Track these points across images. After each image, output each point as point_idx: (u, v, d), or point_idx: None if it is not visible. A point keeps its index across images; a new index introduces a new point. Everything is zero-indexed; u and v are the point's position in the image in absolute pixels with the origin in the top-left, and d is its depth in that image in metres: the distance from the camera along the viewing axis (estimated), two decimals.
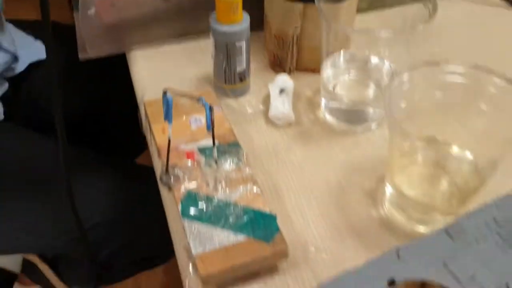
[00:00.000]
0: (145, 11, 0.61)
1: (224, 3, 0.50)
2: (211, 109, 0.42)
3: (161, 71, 0.61)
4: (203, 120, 0.49)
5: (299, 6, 0.55)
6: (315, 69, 0.57)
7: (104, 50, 0.62)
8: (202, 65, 0.61)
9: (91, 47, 0.61)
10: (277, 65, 0.61)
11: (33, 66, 0.88)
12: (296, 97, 0.58)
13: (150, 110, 0.51)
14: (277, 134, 0.53)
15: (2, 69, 0.80)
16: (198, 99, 0.43)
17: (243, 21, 0.52)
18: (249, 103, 0.57)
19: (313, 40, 0.57)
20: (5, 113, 0.83)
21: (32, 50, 0.89)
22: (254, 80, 0.59)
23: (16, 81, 0.87)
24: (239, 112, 0.56)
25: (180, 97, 0.43)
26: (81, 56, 0.61)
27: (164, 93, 0.43)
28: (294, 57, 0.59)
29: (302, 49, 0.59)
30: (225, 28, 0.51)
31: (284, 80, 0.57)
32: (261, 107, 0.56)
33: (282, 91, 0.55)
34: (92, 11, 0.58)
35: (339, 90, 0.54)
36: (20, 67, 0.85)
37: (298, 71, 0.61)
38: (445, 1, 0.73)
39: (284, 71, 0.60)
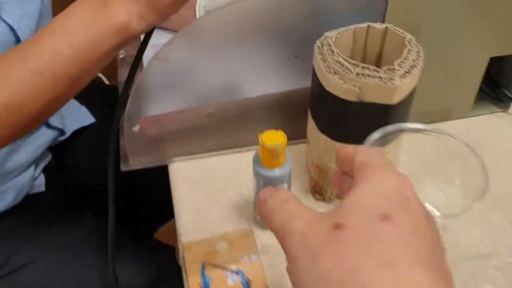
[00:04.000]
0: (188, 126, 0.61)
1: (268, 150, 0.50)
2: (248, 283, 0.42)
3: (199, 186, 0.61)
4: (240, 277, 0.49)
5: (341, 144, 0.54)
6: None
7: (145, 162, 0.62)
8: (241, 182, 0.61)
9: (133, 160, 0.61)
10: (317, 192, 0.60)
11: (77, 133, 0.90)
12: None
13: (188, 255, 0.51)
14: None
15: (48, 144, 0.82)
16: (237, 272, 0.43)
17: (285, 165, 0.52)
18: None
19: None
20: (46, 183, 0.85)
21: (77, 117, 0.90)
22: None
23: (59, 149, 0.89)
24: (277, 252, 0.55)
25: (216, 265, 0.43)
26: (123, 167, 0.62)
27: (202, 266, 0.43)
28: (334, 190, 0.58)
29: None
30: (267, 172, 0.51)
31: None
32: None
33: None
34: (137, 128, 0.59)
35: None
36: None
37: (338, 199, 0.60)
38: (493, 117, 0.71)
39: (323, 199, 0.60)
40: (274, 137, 0.49)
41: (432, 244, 0.26)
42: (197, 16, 0.74)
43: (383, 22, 0.56)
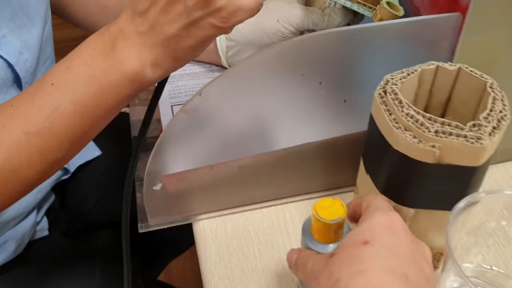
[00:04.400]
0: (216, 180, 0.52)
1: (325, 224, 0.40)
2: None
3: (230, 247, 0.53)
4: None
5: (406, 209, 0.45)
6: None
7: (167, 222, 0.53)
8: (279, 242, 0.52)
9: (153, 219, 0.52)
10: None
11: (81, 166, 0.81)
12: None
13: None
14: None
15: (51, 186, 0.73)
16: None
17: (343, 238, 0.43)
18: None
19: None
20: (49, 225, 0.76)
21: (82, 152, 0.81)
22: None
23: (62, 187, 0.80)
24: None
25: None
26: (142, 229, 0.53)
27: None
28: None
29: None
30: (321, 248, 0.42)
31: None
32: None
33: None
34: (158, 187, 0.50)
35: None
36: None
37: None
38: None
39: None
40: (331, 209, 0.40)
41: (408, 261, 0.33)
42: (218, 45, 0.65)
43: (450, 60, 0.47)
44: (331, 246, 0.42)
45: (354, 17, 0.63)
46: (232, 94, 0.47)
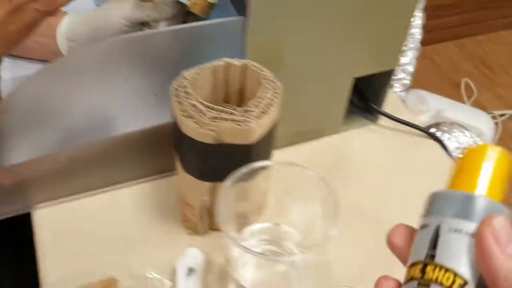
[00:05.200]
0: (48, 171, 0.58)
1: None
2: None
3: (66, 232, 0.58)
4: None
5: (206, 184, 0.53)
6: (238, 231, 0.56)
7: (4, 212, 0.58)
8: (110, 224, 0.59)
9: None
10: (189, 227, 0.59)
11: None
12: (208, 266, 0.56)
13: None
14: None
15: None
16: None
17: None
18: (154, 281, 0.55)
19: (235, 209, 0.56)
20: None
21: None
22: (164, 245, 0.58)
23: None
24: None
25: None
26: None
27: None
28: (205, 223, 0.58)
29: (214, 214, 0.57)
30: None
31: (194, 255, 0.55)
32: (166, 283, 0.55)
33: (191, 271, 0.54)
34: None
35: (246, 270, 0.54)
36: None
37: (213, 231, 0.60)
38: (366, 130, 0.73)
39: (195, 233, 0.59)
40: None
41: None
42: (59, 43, 0.69)
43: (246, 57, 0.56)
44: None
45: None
46: (65, 82, 0.52)
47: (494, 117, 1.94)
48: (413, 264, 0.27)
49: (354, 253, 0.59)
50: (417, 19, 0.85)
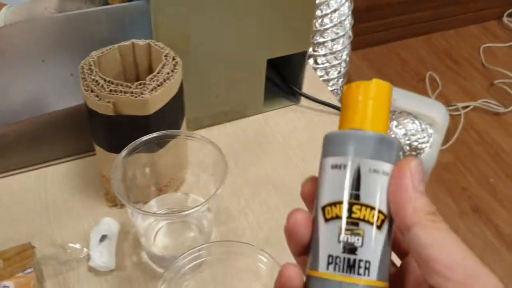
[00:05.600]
0: None
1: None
2: None
3: None
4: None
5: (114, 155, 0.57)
6: (147, 202, 0.61)
7: None
8: (38, 200, 0.63)
9: None
10: (109, 200, 0.63)
11: None
12: (124, 235, 0.60)
13: None
14: (96, 282, 0.56)
15: None
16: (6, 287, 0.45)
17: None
18: (73, 250, 0.59)
19: (141, 179, 0.60)
20: None
21: None
22: (85, 216, 0.62)
23: None
24: (62, 260, 0.58)
25: None
26: None
27: None
28: None
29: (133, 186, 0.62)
30: None
31: (108, 223, 0.59)
32: (85, 251, 0.59)
33: (104, 237, 0.58)
34: None
35: (157, 237, 0.58)
36: None
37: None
38: (285, 111, 0.78)
39: (115, 205, 0.63)
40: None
41: None
42: None
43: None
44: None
45: None
46: None
47: (457, 109, 2.00)
48: (333, 204, 0.28)
49: (265, 220, 0.64)
50: (345, 8, 0.90)
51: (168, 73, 0.54)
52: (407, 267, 0.31)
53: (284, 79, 0.77)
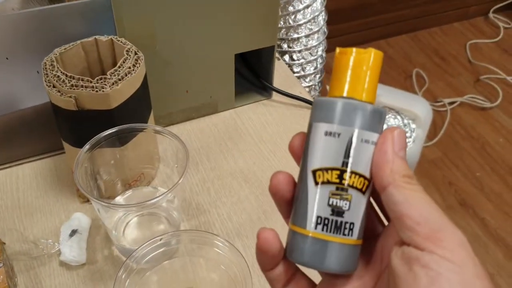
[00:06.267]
0: None
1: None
2: None
3: None
4: None
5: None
6: (116, 197, 0.61)
7: None
8: (10, 197, 0.64)
9: None
10: (81, 196, 0.64)
11: None
12: (95, 230, 0.61)
13: None
14: (68, 276, 0.57)
15: None
16: None
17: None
18: (45, 245, 0.60)
19: (108, 174, 0.61)
20: None
21: None
22: (57, 212, 0.63)
23: None
24: (34, 255, 0.59)
25: None
26: None
27: None
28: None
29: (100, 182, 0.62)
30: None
31: (79, 218, 0.60)
32: (56, 246, 0.60)
33: (74, 232, 0.59)
34: None
35: (126, 231, 0.59)
36: None
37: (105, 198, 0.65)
38: (262, 105, 0.79)
39: (88, 201, 0.64)
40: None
41: None
42: None
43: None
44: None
45: None
46: None
47: (444, 105, 2.01)
48: (325, 169, 0.30)
49: (235, 212, 0.64)
50: (317, 4, 0.91)
51: (129, 68, 0.55)
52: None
53: (255, 74, 0.78)
